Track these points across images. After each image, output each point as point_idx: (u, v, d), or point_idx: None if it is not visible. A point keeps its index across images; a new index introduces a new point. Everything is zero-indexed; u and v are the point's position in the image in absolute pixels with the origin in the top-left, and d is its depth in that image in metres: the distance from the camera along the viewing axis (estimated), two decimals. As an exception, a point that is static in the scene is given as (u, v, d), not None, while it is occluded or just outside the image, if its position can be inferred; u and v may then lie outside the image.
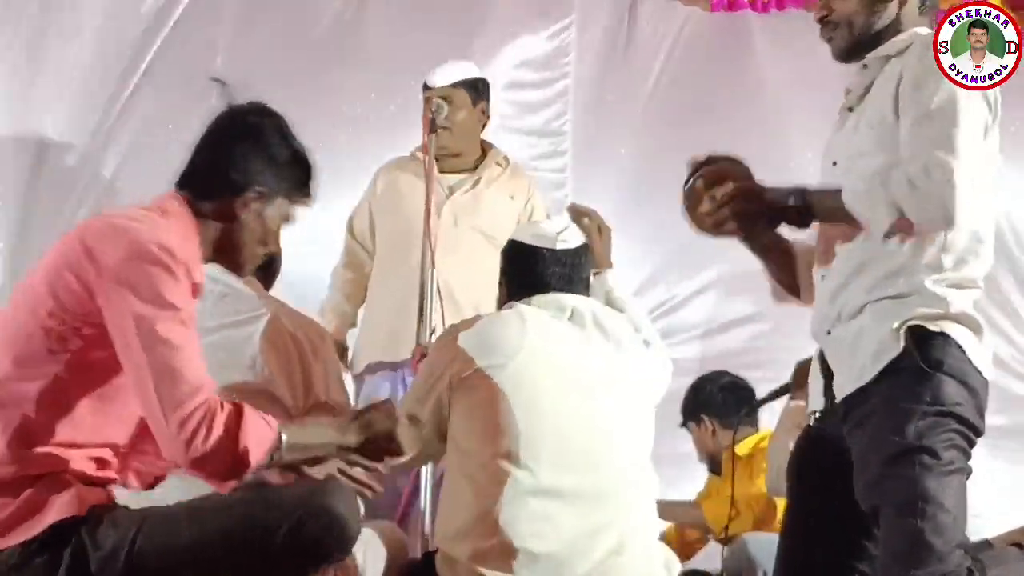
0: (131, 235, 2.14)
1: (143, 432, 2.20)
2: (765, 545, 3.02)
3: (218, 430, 2.08)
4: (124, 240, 2.13)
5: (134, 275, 2.10)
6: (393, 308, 3.83)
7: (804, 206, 2.43)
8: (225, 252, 2.32)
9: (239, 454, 2.10)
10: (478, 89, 4.00)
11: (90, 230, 2.18)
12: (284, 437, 2.18)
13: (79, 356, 2.14)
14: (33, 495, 2.08)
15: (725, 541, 3.92)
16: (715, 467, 4.29)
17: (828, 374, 2.53)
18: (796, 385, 3.70)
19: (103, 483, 2.20)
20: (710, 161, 2.49)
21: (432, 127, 3.63)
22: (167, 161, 4.53)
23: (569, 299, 2.86)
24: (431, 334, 3.44)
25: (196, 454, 2.07)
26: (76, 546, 2.09)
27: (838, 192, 2.39)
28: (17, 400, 2.12)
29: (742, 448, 4.10)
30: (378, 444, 2.33)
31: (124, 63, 4.59)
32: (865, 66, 2.54)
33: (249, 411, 2.14)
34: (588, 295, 2.94)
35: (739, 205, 2.44)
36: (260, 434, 2.14)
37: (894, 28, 2.54)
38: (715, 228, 2.48)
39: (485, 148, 4.07)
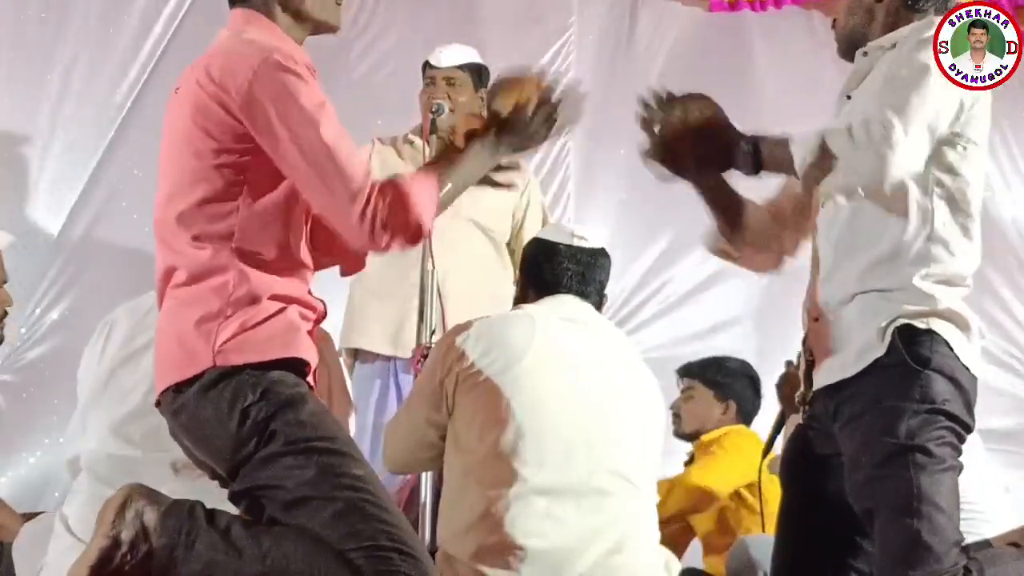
0: (250, 57, 2.20)
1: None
2: (765, 546, 3.01)
3: (394, 209, 2.17)
4: (246, 64, 2.19)
5: (269, 92, 2.17)
6: (389, 300, 3.81)
7: (753, 151, 2.43)
8: (302, 22, 2.36)
9: (416, 222, 2.20)
10: (481, 75, 3.97)
11: (207, 70, 2.23)
12: (446, 189, 2.29)
13: (257, 177, 2.22)
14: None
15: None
16: (684, 436, 4.22)
17: (811, 360, 2.54)
18: (782, 400, 3.70)
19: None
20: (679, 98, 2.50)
21: (432, 127, 3.61)
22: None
23: (579, 306, 2.88)
24: (431, 334, 3.44)
25: (380, 239, 2.18)
26: None
27: (787, 142, 2.39)
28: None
29: (708, 436, 4.10)
30: (527, 147, 2.39)
31: (126, 64, 4.59)
32: (865, 54, 2.55)
33: (408, 181, 2.22)
34: (602, 298, 2.96)
35: (703, 140, 2.45)
36: (427, 193, 2.24)
37: (888, 26, 2.55)
38: (673, 157, 2.48)
39: None
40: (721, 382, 4.21)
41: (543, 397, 2.70)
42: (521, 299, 2.96)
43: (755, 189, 2.65)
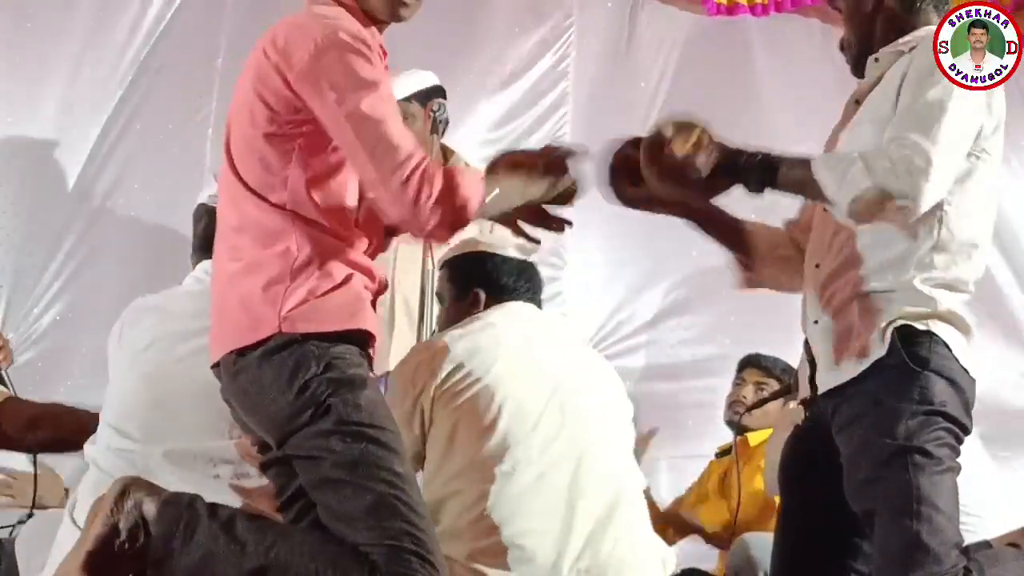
0: (314, 31, 2.21)
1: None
2: (765, 545, 3.01)
3: (438, 185, 2.15)
4: (309, 37, 2.20)
5: (328, 65, 2.18)
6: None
7: (769, 168, 2.38)
8: (376, 5, 2.36)
9: (461, 206, 2.18)
10: (430, 97, 3.97)
11: (273, 39, 2.25)
12: (489, 196, 2.25)
13: (308, 149, 2.24)
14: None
15: (724, 546, 3.89)
16: (740, 429, 4.18)
17: (813, 364, 2.54)
18: (797, 387, 3.67)
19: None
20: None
21: (434, 126, 3.60)
22: (170, 161, 4.57)
23: (533, 310, 2.96)
24: (432, 334, 3.43)
25: (423, 212, 2.15)
26: None
27: (807, 162, 2.36)
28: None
29: (756, 438, 4.08)
30: (558, 193, 2.36)
31: (125, 65, 4.59)
32: (877, 59, 2.55)
33: (457, 168, 2.22)
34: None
35: (704, 158, 2.38)
36: (474, 186, 2.21)
37: (891, 31, 2.55)
38: (668, 184, 2.41)
39: (447, 154, 4.00)
40: (790, 384, 4.12)
41: (520, 401, 2.73)
42: (473, 310, 2.96)
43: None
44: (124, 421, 2.63)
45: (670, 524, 4.16)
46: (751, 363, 4.28)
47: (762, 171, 2.38)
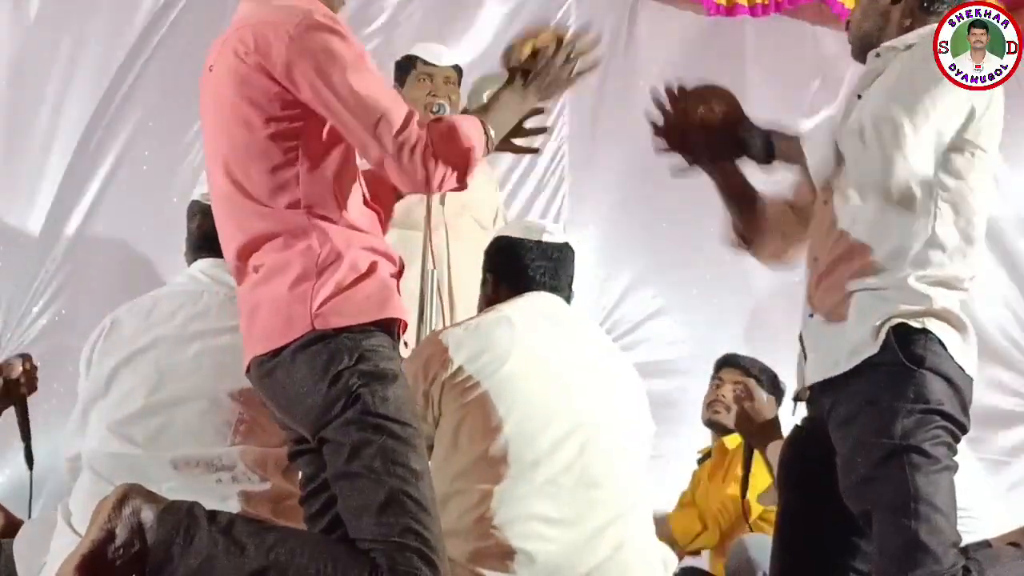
0: (284, 22, 2.23)
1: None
2: (764, 545, 3.01)
3: (444, 141, 2.21)
4: (281, 30, 2.22)
5: (309, 52, 2.20)
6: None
7: (766, 143, 2.45)
8: None
9: (468, 158, 2.26)
10: (462, 74, 4.03)
11: (241, 41, 2.26)
12: (491, 133, 2.33)
13: (310, 142, 2.26)
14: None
15: (692, 553, 3.88)
16: (720, 429, 4.16)
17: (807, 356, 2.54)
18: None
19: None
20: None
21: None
22: (170, 158, 4.56)
23: (553, 302, 2.90)
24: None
25: (435, 180, 2.22)
26: None
27: (798, 139, 2.42)
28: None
29: (733, 441, 4.06)
30: (552, 91, 2.48)
31: (126, 60, 4.59)
32: (878, 55, 2.56)
33: (456, 118, 2.29)
34: (572, 293, 2.98)
35: (722, 132, 2.48)
36: (476, 132, 2.29)
37: (903, 29, 2.56)
38: (691, 149, 2.51)
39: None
40: (775, 385, 4.09)
41: (530, 402, 2.70)
42: (493, 297, 2.94)
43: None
44: (126, 426, 2.61)
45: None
46: (728, 363, 4.25)
47: (760, 145, 2.45)
